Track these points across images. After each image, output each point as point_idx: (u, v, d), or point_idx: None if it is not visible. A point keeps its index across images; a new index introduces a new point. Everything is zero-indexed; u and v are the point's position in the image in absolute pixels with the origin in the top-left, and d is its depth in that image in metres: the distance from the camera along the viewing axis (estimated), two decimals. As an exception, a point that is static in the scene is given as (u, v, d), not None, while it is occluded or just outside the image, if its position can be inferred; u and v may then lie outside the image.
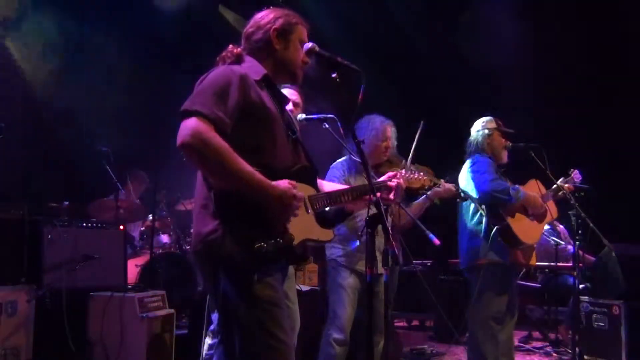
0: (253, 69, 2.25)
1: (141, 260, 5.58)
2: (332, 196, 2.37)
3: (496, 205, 3.83)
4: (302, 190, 2.19)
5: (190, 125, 2.00)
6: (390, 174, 2.68)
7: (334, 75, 2.32)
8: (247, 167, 2.02)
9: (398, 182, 2.63)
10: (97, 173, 4.90)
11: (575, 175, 4.26)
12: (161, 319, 4.15)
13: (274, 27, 2.30)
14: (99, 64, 6.37)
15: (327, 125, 3.36)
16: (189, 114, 2.03)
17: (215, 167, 2.02)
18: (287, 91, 3.29)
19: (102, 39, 6.38)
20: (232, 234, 2.01)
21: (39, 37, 6.00)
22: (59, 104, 6.01)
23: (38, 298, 3.96)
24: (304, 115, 3.41)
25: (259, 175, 2.04)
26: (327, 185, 2.55)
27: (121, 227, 4.88)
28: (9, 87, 5.83)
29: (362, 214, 3.51)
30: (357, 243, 3.61)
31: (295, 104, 3.40)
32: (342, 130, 3.33)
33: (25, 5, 5.95)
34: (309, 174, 2.31)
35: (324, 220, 2.36)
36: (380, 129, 3.73)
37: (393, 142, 3.82)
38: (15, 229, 4.04)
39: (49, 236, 4.20)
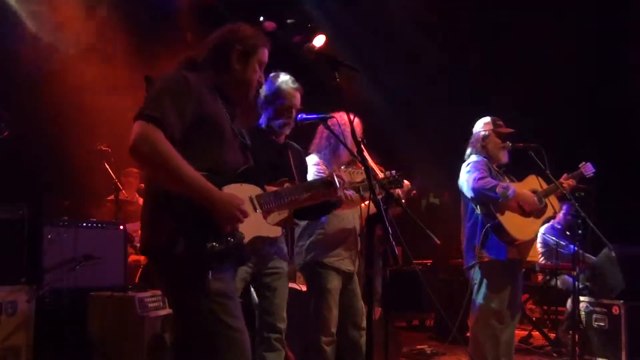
0: (205, 76, 2.28)
1: (141, 260, 5.58)
2: (279, 195, 2.43)
3: (487, 203, 3.85)
4: (249, 190, 2.27)
5: (139, 129, 2.05)
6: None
7: (334, 75, 2.31)
8: (194, 173, 2.06)
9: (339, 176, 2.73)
10: (97, 173, 4.90)
11: (586, 168, 4.21)
12: (161, 319, 4.14)
13: (237, 46, 2.32)
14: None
15: (326, 125, 3.33)
16: (140, 117, 2.07)
17: (162, 172, 2.07)
18: (292, 93, 3.26)
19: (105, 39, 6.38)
20: (184, 234, 2.05)
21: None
22: (59, 103, 6.00)
23: (38, 298, 3.95)
24: (303, 116, 3.38)
25: (205, 182, 2.08)
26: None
27: (121, 227, 4.88)
28: (9, 85, 5.82)
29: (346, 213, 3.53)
30: (345, 243, 3.58)
31: (296, 109, 3.32)
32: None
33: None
34: (256, 174, 2.36)
35: (307, 213, 2.40)
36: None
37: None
38: (15, 229, 4.04)
39: (49, 236, 4.20)
